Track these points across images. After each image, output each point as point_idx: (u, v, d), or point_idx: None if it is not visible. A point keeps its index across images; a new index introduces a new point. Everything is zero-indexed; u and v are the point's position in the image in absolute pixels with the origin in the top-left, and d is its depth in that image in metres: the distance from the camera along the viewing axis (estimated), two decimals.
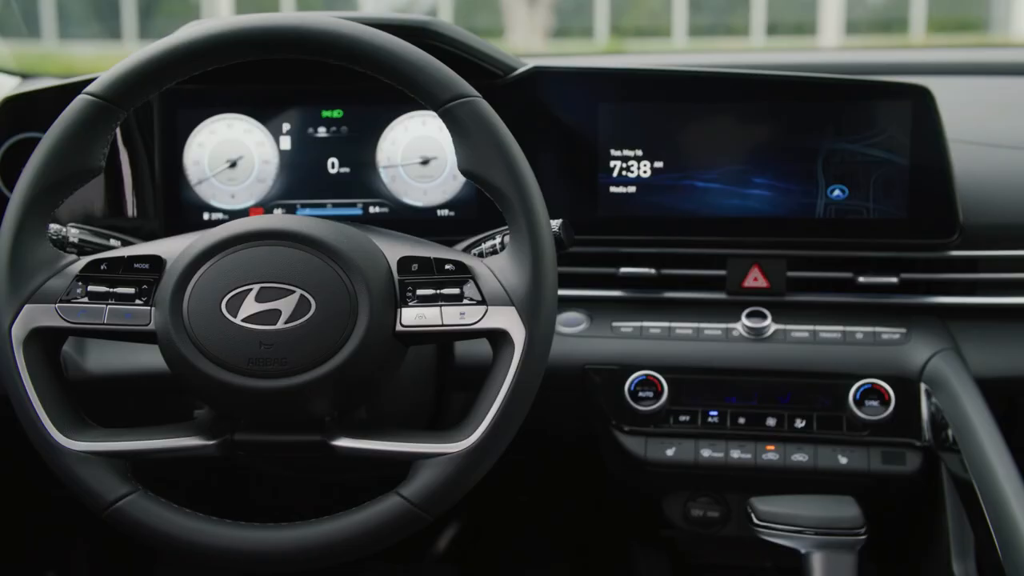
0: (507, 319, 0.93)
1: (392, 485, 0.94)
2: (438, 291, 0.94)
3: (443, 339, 0.98)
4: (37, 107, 1.34)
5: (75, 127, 0.96)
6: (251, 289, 0.92)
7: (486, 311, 0.93)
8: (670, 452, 1.27)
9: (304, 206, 1.36)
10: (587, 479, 1.61)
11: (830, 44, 13.12)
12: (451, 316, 0.94)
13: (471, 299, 0.94)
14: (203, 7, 14.49)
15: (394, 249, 0.97)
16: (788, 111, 1.29)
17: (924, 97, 1.25)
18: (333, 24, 0.93)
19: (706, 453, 1.26)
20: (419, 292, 0.95)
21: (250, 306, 0.92)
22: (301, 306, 0.91)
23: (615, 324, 1.32)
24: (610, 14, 14.67)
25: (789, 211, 1.30)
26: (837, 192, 1.29)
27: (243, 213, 1.36)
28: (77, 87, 1.30)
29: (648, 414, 1.27)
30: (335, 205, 1.36)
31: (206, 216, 1.36)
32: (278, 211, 1.36)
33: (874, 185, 1.28)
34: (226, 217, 1.36)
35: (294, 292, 0.92)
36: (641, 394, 1.27)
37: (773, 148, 1.29)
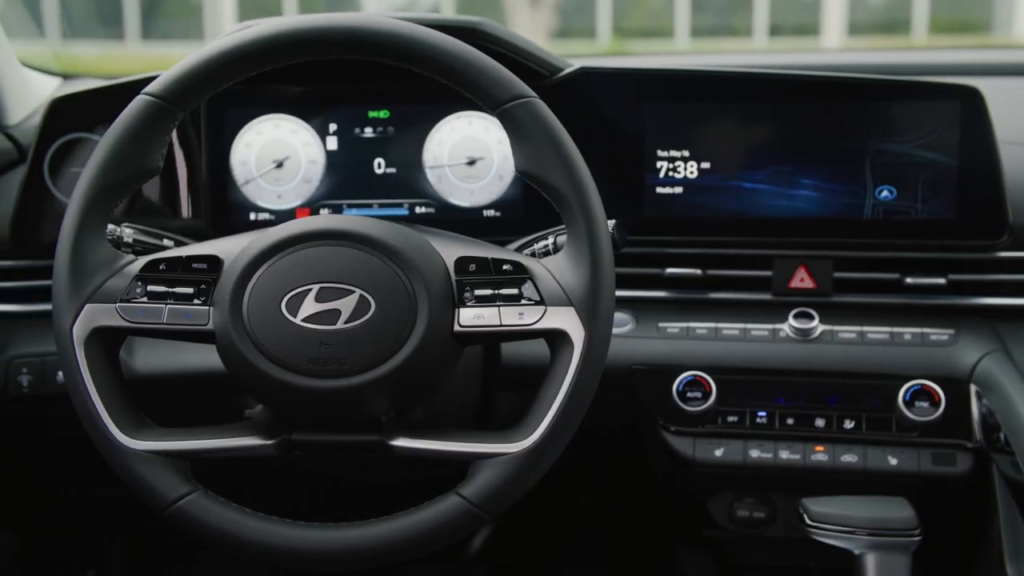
0: (566, 319, 0.93)
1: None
2: (496, 291, 0.94)
3: (501, 339, 0.98)
4: (84, 108, 1.34)
5: (135, 128, 0.96)
6: (311, 289, 0.92)
7: (545, 311, 0.93)
8: (719, 452, 1.27)
9: (350, 206, 1.36)
10: (630, 479, 1.61)
11: (833, 45, 13.13)
12: (510, 316, 0.94)
13: (530, 299, 0.94)
14: (205, 8, 14.49)
15: (450, 249, 0.97)
16: (836, 112, 1.29)
17: (973, 98, 1.25)
18: (390, 24, 0.93)
19: (755, 454, 1.26)
20: (477, 292, 0.95)
21: (310, 306, 0.92)
22: (361, 306, 0.92)
23: (661, 325, 1.32)
24: (612, 15, 14.68)
25: (836, 212, 1.30)
26: (885, 193, 1.29)
27: (289, 213, 1.36)
28: (124, 88, 1.31)
29: (696, 414, 1.27)
30: (381, 205, 1.36)
31: (252, 216, 1.36)
32: (324, 211, 1.36)
33: (922, 186, 1.28)
34: (272, 217, 1.36)
35: (354, 292, 0.92)
36: (689, 394, 1.27)
37: (821, 149, 1.29)
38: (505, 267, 0.95)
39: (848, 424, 1.25)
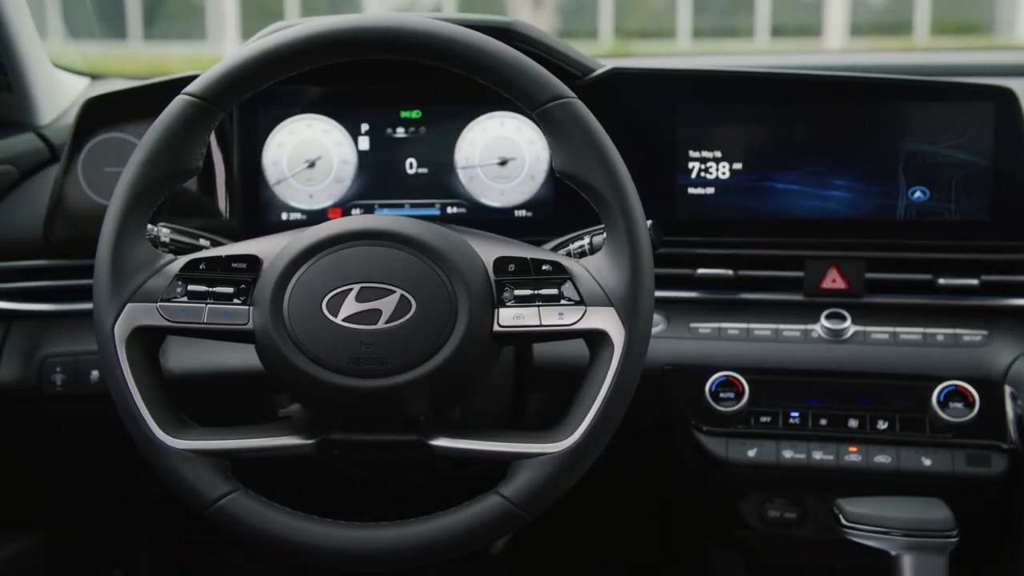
0: (606, 320, 0.93)
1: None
2: (536, 291, 0.94)
3: (541, 339, 0.98)
4: (117, 108, 1.34)
5: (175, 127, 0.95)
6: (351, 289, 0.92)
7: (585, 312, 0.93)
8: (751, 453, 1.27)
9: (382, 206, 1.36)
10: (660, 479, 1.61)
11: (834, 46, 13.14)
12: (549, 316, 0.94)
13: (569, 299, 0.94)
14: (207, 9, 14.49)
15: (489, 249, 0.97)
16: (870, 112, 1.29)
17: (1007, 98, 1.25)
18: (428, 24, 0.93)
19: (788, 454, 1.26)
20: (516, 292, 0.95)
21: (351, 306, 0.92)
22: (401, 306, 0.92)
23: (693, 325, 1.32)
24: (614, 16, 14.68)
25: (869, 212, 1.30)
26: (918, 194, 1.29)
27: (321, 213, 1.36)
28: (158, 88, 1.31)
29: (729, 415, 1.27)
30: (413, 205, 1.36)
31: (284, 216, 1.36)
32: (356, 211, 1.35)
33: (956, 186, 1.28)
34: (304, 217, 1.36)
35: (394, 292, 0.92)
36: (722, 395, 1.27)
37: (854, 149, 1.29)
38: (544, 267, 0.95)
39: (881, 425, 1.25)
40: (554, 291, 0.94)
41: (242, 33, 13.73)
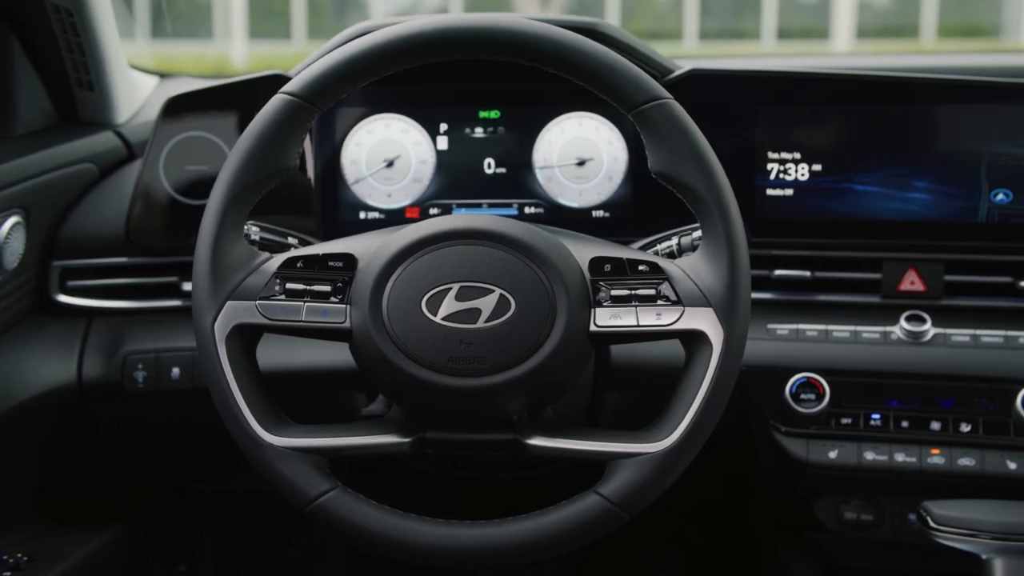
0: (704, 320, 0.93)
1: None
2: (632, 292, 0.94)
3: (638, 340, 0.98)
4: (197, 106, 1.33)
5: (274, 126, 0.95)
6: (451, 288, 0.92)
7: (683, 312, 0.93)
8: (832, 455, 1.27)
9: (460, 206, 1.36)
10: (733, 479, 1.61)
11: (842, 49, 13.15)
12: (647, 317, 0.93)
13: (667, 300, 0.93)
14: (214, 8, 14.49)
15: (584, 249, 0.97)
16: (953, 114, 1.28)
17: None
18: (524, 24, 0.93)
19: (869, 456, 1.26)
20: (613, 292, 0.94)
21: (450, 304, 0.92)
22: (501, 305, 0.92)
23: (770, 326, 1.31)
24: (620, 17, 14.67)
25: (949, 215, 1.30)
26: (1001, 196, 1.29)
27: (399, 213, 1.35)
28: (239, 87, 1.31)
29: (809, 416, 1.26)
30: (491, 205, 1.36)
31: (362, 215, 1.35)
32: (433, 211, 1.35)
33: None
34: (382, 217, 1.35)
35: (494, 291, 0.92)
36: (803, 396, 1.27)
37: (936, 151, 1.29)
38: (641, 267, 0.95)
39: (965, 427, 1.25)
40: (651, 291, 0.94)
41: (249, 33, 13.74)
